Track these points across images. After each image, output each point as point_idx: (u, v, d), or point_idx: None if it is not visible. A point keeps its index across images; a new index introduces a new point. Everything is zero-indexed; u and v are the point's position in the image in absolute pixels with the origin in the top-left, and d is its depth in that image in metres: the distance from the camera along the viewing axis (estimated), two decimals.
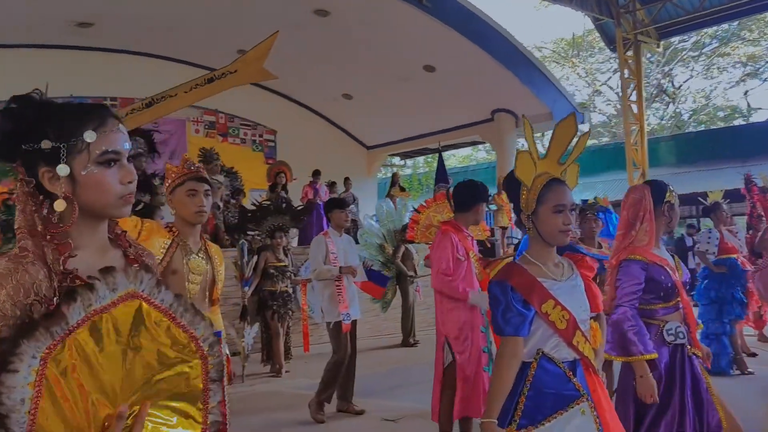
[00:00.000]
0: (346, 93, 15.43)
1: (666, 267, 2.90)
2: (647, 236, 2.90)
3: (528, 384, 2.08)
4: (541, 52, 33.40)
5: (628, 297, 2.86)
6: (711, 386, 2.91)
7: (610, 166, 18.31)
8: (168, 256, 2.65)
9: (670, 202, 2.95)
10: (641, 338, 2.80)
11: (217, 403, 1.29)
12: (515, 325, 2.07)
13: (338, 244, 5.47)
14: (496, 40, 12.90)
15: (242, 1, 11.23)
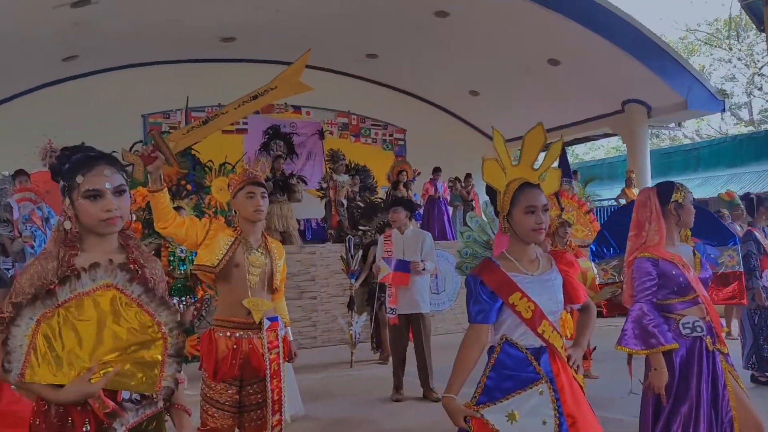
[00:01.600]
0: (472, 90, 15.68)
1: (678, 263, 3.01)
2: (657, 235, 3.06)
3: (490, 366, 2.36)
4: (694, 35, 31.48)
5: (643, 292, 3.02)
6: (730, 383, 2.98)
7: (759, 156, 17.03)
8: (231, 252, 3.12)
9: (677, 202, 3.07)
10: (660, 330, 2.95)
11: (171, 373, 1.82)
12: (479, 312, 2.36)
13: (396, 241, 5.85)
14: (622, 29, 12.56)
15: (368, 7, 11.85)
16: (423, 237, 5.94)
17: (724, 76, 31.18)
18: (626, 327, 3.03)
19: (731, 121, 32.09)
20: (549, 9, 11.61)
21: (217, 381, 3.05)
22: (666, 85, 13.12)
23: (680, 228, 3.18)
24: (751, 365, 5.94)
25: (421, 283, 5.84)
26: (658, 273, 3.01)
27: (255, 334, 3.10)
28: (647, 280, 3.02)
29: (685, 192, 3.15)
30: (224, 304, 3.17)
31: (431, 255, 5.88)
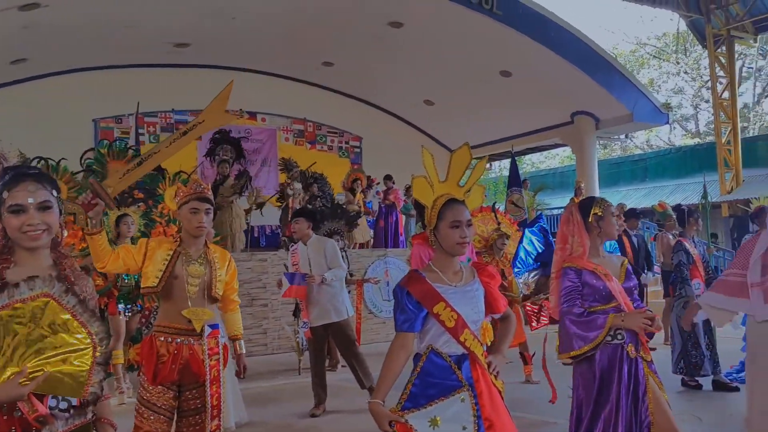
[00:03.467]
0: (427, 99, 15.92)
1: (600, 273, 3.19)
2: (581, 247, 3.24)
3: (416, 373, 2.48)
4: (644, 49, 32.44)
5: (569, 299, 3.20)
6: (651, 389, 3.14)
7: (703, 167, 17.69)
8: (170, 266, 3.19)
9: (597, 215, 3.25)
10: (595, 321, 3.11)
11: (98, 380, 1.91)
12: (404, 321, 2.48)
13: (302, 253, 5.83)
14: (572, 44, 12.96)
15: (324, 16, 11.95)
16: (325, 245, 5.90)
17: (673, 89, 32.23)
18: (569, 331, 3.18)
19: (679, 132, 33.18)
20: (501, 23, 11.92)
21: (156, 385, 3.11)
22: (613, 98, 13.57)
23: (603, 239, 3.35)
24: (680, 370, 6.21)
25: (331, 292, 5.79)
26: (581, 282, 3.21)
27: (196, 341, 3.17)
28: (572, 287, 3.21)
29: (605, 205, 3.33)
30: (165, 312, 3.24)
31: (336, 261, 5.83)
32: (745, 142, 18.22)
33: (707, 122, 30.88)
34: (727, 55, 16.85)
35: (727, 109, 16.95)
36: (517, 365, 6.96)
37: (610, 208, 3.34)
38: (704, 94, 30.70)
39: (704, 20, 16.56)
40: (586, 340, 3.11)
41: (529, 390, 6.45)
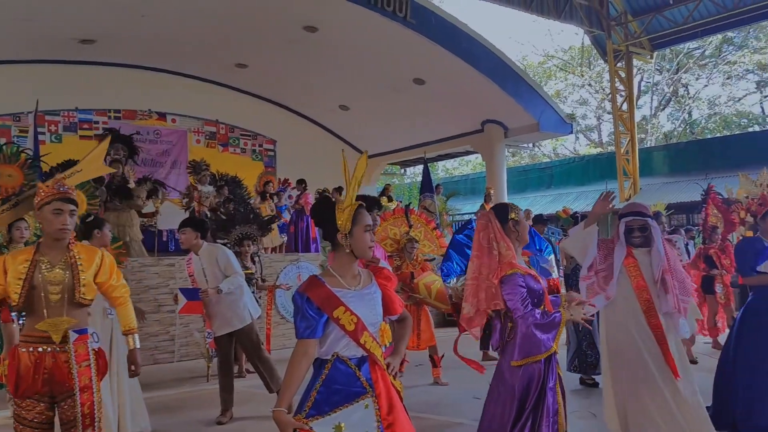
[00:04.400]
0: (342, 104, 15.99)
1: (535, 276, 3.30)
2: (509, 251, 3.30)
3: (321, 380, 2.51)
4: (552, 61, 33.76)
5: (522, 305, 3.20)
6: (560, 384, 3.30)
7: (604, 175, 18.62)
8: (28, 279, 3.03)
9: (514, 219, 3.36)
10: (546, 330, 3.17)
11: None
12: (306, 328, 2.51)
13: (196, 264, 5.70)
14: (483, 55, 13.36)
15: (237, 17, 11.79)
16: (216, 253, 5.73)
17: (578, 100, 33.73)
18: (534, 335, 3.16)
19: (584, 142, 34.76)
20: (415, 31, 12.14)
21: (20, 397, 2.99)
22: (521, 108, 14.08)
23: (518, 243, 3.41)
24: (574, 368, 6.52)
25: (231, 300, 5.68)
26: (526, 286, 3.24)
27: (60, 348, 3.05)
28: (523, 291, 3.22)
29: (518, 210, 3.45)
30: (27, 322, 3.11)
31: (230, 268, 5.68)
32: (643, 152, 19.32)
33: (609, 133, 32.51)
34: (626, 69, 17.82)
35: (626, 121, 17.92)
36: (426, 368, 7.11)
37: (522, 213, 3.46)
38: (607, 106, 32.26)
39: (605, 36, 17.46)
40: (549, 341, 3.16)
41: (437, 392, 6.59)
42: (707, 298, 8.42)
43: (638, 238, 4.10)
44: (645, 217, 4.15)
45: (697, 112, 31.91)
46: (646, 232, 4.10)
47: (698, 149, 19.37)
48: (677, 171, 18.11)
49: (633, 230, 4.10)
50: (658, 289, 4.06)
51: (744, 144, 18.14)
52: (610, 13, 17.24)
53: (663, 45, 18.67)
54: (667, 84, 30.96)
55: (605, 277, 4.12)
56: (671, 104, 31.88)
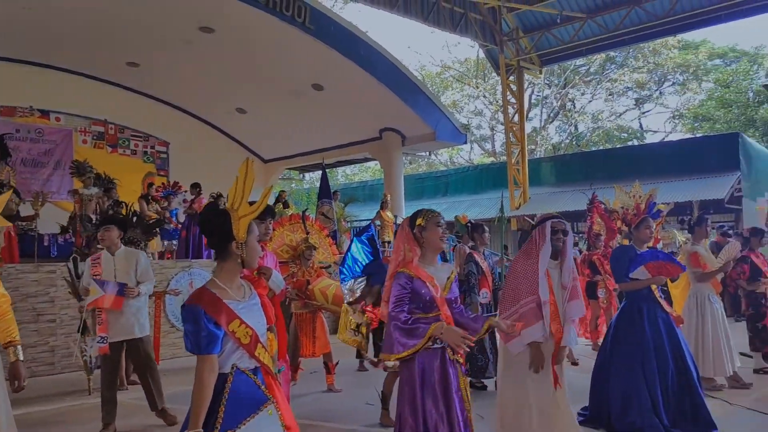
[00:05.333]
0: (239, 107, 15.71)
1: (428, 283, 3.36)
2: (412, 254, 3.42)
3: (226, 395, 2.45)
4: (449, 72, 34.66)
5: (397, 302, 3.32)
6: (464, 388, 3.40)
7: (496, 184, 19.30)
8: None
9: (420, 225, 3.44)
10: (419, 329, 3.26)
11: None
12: (209, 343, 2.42)
13: (107, 263, 5.52)
14: (382, 64, 13.52)
15: (129, 15, 11.34)
16: (137, 257, 5.64)
17: (473, 110, 34.84)
18: (393, 335, 3.28)
19: (478, 151, 35.93)
20: (314, 37, 12.12)
21: None
22: (418, 118, 14.37)
23: (428, 249, 3.46)
24: (466, 372, 6.71)
25: (137, 306, 5.54)
26: (411, 288, 3.33)
27: None
28: (403, 292, 3.32)
29: (429, 217, 3.47)
30: None
31: (147, 275, 5.62)
32: (532, 162, 20.19)
33: (502, 143, 33.79)
34: (517, 83, 18.59)
35: (517, 133, 18.68)
36: (320, 375, 7.09)
37: (434, 220, 3.44)
38: (500, 117, 33.56)
39: (498, 51, 18.15)
40: (406, 346, 3.24)
41: (331, 399, 6.59)
42: (590, 303, 8.90)
43: (560, 242, 4.25)
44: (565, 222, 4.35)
45: (582, 125, 33.80)
46: (566, 236, 4.27)
47: (582, 161, 20.48)
48: (563, 181, 19.03)
49: (557, 231, 4.24)
50: (564, 297, 4.23)
51: (624, 157, 19.35)
52: (503, 29, 17.95)
53: (551, 61, 19.61)
54: (556, 98, 32.58)
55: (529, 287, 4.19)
56: (559, 117, 33.57)
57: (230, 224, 2.54)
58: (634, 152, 21.20)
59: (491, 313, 6.73)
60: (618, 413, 5.02)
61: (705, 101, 30.00)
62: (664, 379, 5.01)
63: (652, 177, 14.53)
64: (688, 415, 4.99)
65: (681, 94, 31.43)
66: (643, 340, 5.08)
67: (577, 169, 19.21)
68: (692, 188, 15.46)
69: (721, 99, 28.66)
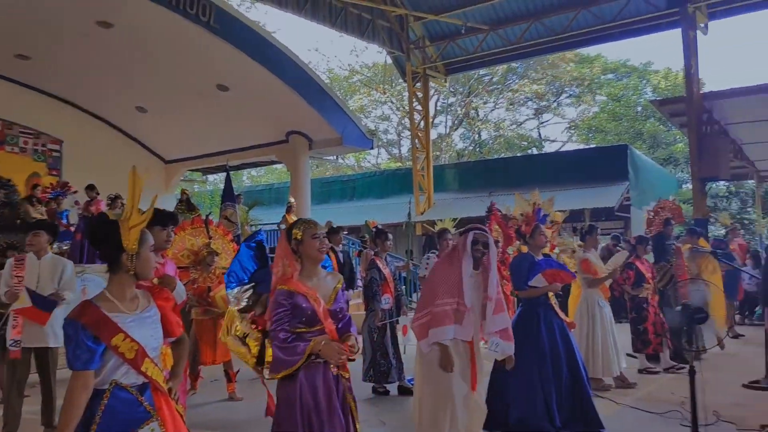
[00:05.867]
0: (139, 105, 15.13)
1: (309, 297, 3.28)
2: (291, 269, 3.35)
3: (101, 411, 2.36)
4: (356, 77, 34.80)
5: (277, 322, 3.24)
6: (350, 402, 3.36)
7: (402, 190, 19.55)
8: None
9: (296, 239, 3.36)
10: (286, 354, 3.21)
11: None
12: (84, 360, 2.33)
13: (31, 267, 5.36)
14: (287, 66, 13.39)
15: (20, 5, 10.68)
16: (63, 265, 5.49)
17: (381, 116, 35.17)
18: (275, 354, 3.23)
19: (386, 156, 36.26)
20: (218, 37, 11.85)
21: None
22: (325, 122, 14.32)
23: (308, 261, 3.38)
24: (369, 377, 6.77)
25: (55, 314, 5.33)
26: (291, 304, 3.24)
27: None
28: (281, 310, 3.23)
29: (307, 227, 3.37)
30: None
31: (71, 284, 5.48)
32: (437, 169, 20.61)
33: (408, 148, 34.29)
34: (423, 90, 18.94)
35: (422, 139, 19.02)
36: (220, 383, 6.94)
37: (311, 231, 3.35)
38: (407, 123, 34.00)
39: (405, 58, 18.44)
40: (287, 364, 3.19)
41: (232, 407, 6.47)
42: None
43: (480, 252, 4.29)
44: (487, 233, 4.41)
45: (485, 133, 34.84)
46: (487, 248, 4.31)
47: (484, 168, 21.10)
48: (466, 188, 19.54)
49: (478, 242, 4.28)
50: (490, 309, 4.26)
51: (523, 165, 20.10)
52: (410, 36, 18.24)
53: (456, 70, 20.11)
54: (460, 106, 33.40)
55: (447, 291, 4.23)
56: (463, 125, 34.43)
57: (119, 235, 2.44)
58: (532, 161, 22.08)
59: (393, 318, 6.83)
60: (515, 415, 5.21)
61: (598, 113, 31.65)
62: (558, 382, 5.26)
63: (549, 185, 15.13)
64: (578, 415, 5.25)
65: (577, 106, 33.03)
66: (539, 344, 5.31)
67: (479, 176, 19.77)
68: (586, 197, 16.24)
69: (613, 112, 30.35)
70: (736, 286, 10.51)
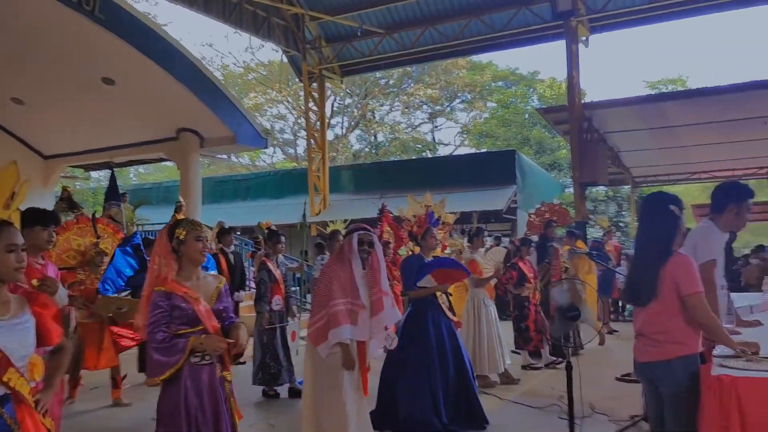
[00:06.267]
0: (15, 97, 14.15)
1: (188, 298, 3.21)
2: (168, 269, 3.26)
3: None
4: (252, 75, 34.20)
5: (154, 324, 3.15)
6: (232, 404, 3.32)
7: (298, 190, 19.43)
8: None
9: (179, 238, 3.28)
10: (165, 354, 3.12)
11: None
12: None
13: None
14: (178, 61, 12.93)
15: None
16: None
17: (276, 115, 34.77)
18: (153, 358, 3.13)
19: (282, 156, 35.91)
20: (103, 27, 11.28)
21: None
22: (218, 119, 13.95)
23: (188, 262, 3.30)
24: (259, 380, 6.69)
25: None
26: (169, 305, 3.16)
27: None
28: (158, 312, 3.14)
29: (191, 228, 3.31)
30: None
31: None
32: (333, 170, 20.61)
33: (304, 149, 34.11)
34: (319, 91, 18.91)
35: (318, 139, 18.98)
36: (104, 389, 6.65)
37: (195, 233, 3.30)
38: (303, 123, 33.80)
39: (301, 58, 18.33)
40: (168, 365, 3.10)
41: (118, 414, 6.21)
42: None
43: (366, 253, 4.30)
44: (372, 233, 4.42)
45: (381, 135, 35.24)
46: (372, 247, 4.33)
47: (379, 170, 21.38)
48: (361, 189, 19.69)
49: (364, 243, 4.30)
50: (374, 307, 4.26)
51: (417, 168, 20.51)
52: (306, 36, 18.16)
53: (352, 72, 20.22)
54: (357, 108, 33.60)
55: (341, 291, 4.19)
56: (360, 126, 34.67)
57: None
58: (426, 164, 22.61)
59: (284, 323, 6.78)
60: (404, 413, 5.32)
61: (489, 119, 32.81)
62: (445, 380, 5.42)
63: (442, 187, 15.51)
64: (464, 412, 5.44)
65: (469, 111, 34.08)
66: (428, 343, 5.45)
67: (374, 178, 19.99)
68: (475, 199, 16.79)
69: (502, 118, 31.55)
70: (611, 285, 11.19)
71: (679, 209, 3.32)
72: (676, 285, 3.14)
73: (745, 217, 3.67)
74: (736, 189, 3.74)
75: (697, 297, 3.10)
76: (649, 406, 3.48)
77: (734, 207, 3.63)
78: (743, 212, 3.64)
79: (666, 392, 3.20)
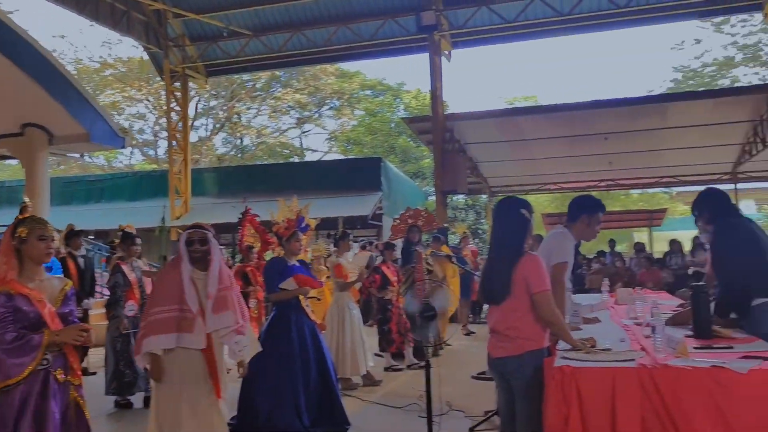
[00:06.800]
0: None
1: (33, 299, 3.03)
2: (7, 267, 3.05)
3: None
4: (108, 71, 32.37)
5: None
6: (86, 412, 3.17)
7: (157, 193, 18.64)
8: None
9: (20, 237, 3.09)
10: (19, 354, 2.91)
11: None
12: None
13: None
14: (24, 51, 12.02)
15: None
16: None
17: (136, 114, 33.14)
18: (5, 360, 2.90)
19: (141, 157, 34.25)
20: None
21: None
22: (69, 116, 13.10)
23: (31, 262, 3.12)
24: (113, 390, 6.33)
25: None
26: (12, 306, 2.96)
27: None
28: (4, 313, 2.94)
29: (33, 227, 3.12)
30: None
31: None
32: (195, 172, 19.96)
33: (166, 150, 32.76)
34: (182, 90, 18.25)
35: (180, 141, 18.31)
36: None
37: (38, 233, 3.12)
38: (164, 123, 32.40)
39: (162, 55, 17.63)
40: (24, 364, 2.91)
41: None
42: None
43: (198, 252, 3.96)
44: (206, 231, 4.08)
45: (248, 139, 34.61)
46: (206, 245, 3.97)
47: (244, 174, 20.98)
48: (225, 193, 19.22)
49: (193, 242, 3.95)
50: (209, 308, 3.90)
51: (283, 172, 20.35)
52: (169, 33, 17.49)
53: (218, 73, 19.70)
54: (222, 110, 32.79)
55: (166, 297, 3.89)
56: (225, 129, 33.85)
57: None
58: (292, 168, 22.51)
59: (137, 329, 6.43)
60: (265, 417, 5.25)
61: (356, 127, 33.24)
62: (307, 383, 5.42)
63: (308, 192, 15.47)
64: (325, 414, 5.46)
65: (337, 118, 34.31)
66: (289, 345, 5.42)
67: (238, 181, 19.60)
68: (342, 205, 16.94)
69: (369, 126, 32.10)
70: (470, 287, 11.68)
71: (529, 213, 3.56)
72: (526, 283, 3.35)
73: (596, 228, 4.10)
74: (589, 202, 4.18)
75: (544, 295, 3.33)
76: (501, 400, 3.67)
77: (586, 218, 4.05)
78: (594, 223, 4.06)
79: (517, 385, 3.40)
